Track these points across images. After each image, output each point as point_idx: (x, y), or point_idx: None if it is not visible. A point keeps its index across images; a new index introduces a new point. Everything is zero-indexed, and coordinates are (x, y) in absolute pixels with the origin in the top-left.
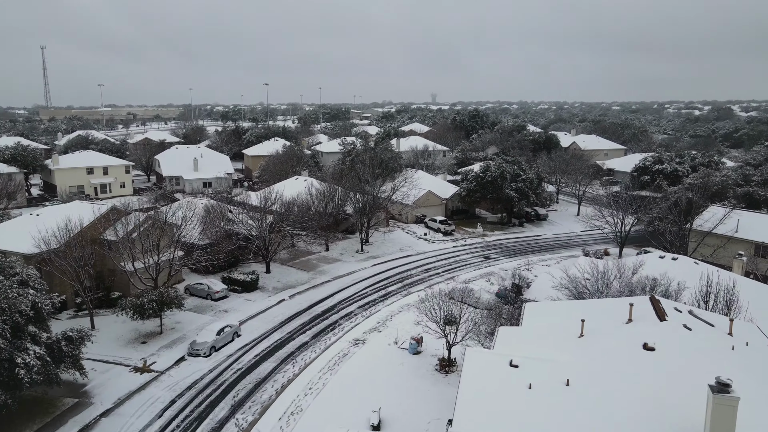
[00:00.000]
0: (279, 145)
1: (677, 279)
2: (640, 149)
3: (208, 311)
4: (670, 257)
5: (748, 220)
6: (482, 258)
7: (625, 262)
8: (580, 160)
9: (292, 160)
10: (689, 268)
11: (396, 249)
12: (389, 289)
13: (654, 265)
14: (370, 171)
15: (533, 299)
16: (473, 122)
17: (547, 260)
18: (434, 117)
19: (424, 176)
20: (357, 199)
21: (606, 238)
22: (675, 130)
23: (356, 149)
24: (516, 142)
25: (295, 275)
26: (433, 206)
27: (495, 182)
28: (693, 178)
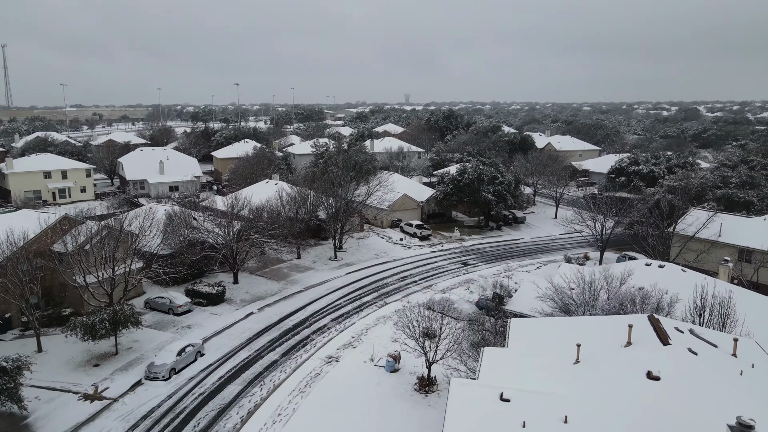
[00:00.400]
0: (249, 146)
1: (666, 288)
2: (614, 150)
3: (169, 327)
4: (656, 264)
5: (731, 224)
6: (460, 264)
7: (612, 272)
8: (556, 161)
9: (262, 163)
10: (677, 276)
11: (371, 255)
12: (364, 300)
13: (641, 274)
14: (344, 174)
15: (516, 311)
16: (448, 123)
17: (527, 266)
18: (408, 117)
19: (399, 179)
20: (330, 204)
21: (585, 242)
22: (645, 130)
23: (329, 151)
24: (492, 143)
25: (265, 286)
26: (408, 210)
27: (472, 185)
28: (672, 180)
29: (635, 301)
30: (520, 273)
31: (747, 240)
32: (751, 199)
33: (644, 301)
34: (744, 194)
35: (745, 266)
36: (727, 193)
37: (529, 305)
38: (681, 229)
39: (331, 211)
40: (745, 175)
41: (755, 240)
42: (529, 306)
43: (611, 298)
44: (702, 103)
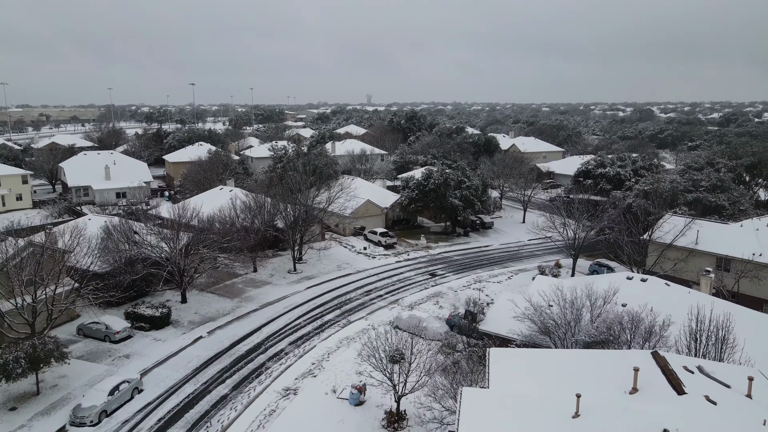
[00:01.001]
0: (204, 150)
1: (651, 304)
2: (577, 151)
3: (104, 358)
4: (638, 278)
5: (707, 230)
6: (428, 275)
7: (594, 288)
8: (521, 163)
9: (217, 167)
10: (662, 290)
11: (333, 267)
12: (326, 319)
13: (624, 289)
14: (303, 179)
15: (492, 332)
16: (410, 124)
17: (498, 276)
18: (370, 118)
19: (362, 184)
20: (288, 212)
21: (555, 248)
22: (603, 131)
23: (287, 155)
24: (456, 145)
25: (217, 304)
26: (372, 216)
27: (438, 190)
28: (643, 184)
29: (623, 324)
30: (491, 284)
31: (725, 248)
32: (723, 203)
33: (635, 325)
34: (715, 198)
35: (724, 275)
36: (698, 198)
37: (505, 325)
38: (658, 236)
39: (289, 220)
40: (715, 178)
41: (733, 247)
42: (506, 326)
43: (596, 320)
44: (654, 104)
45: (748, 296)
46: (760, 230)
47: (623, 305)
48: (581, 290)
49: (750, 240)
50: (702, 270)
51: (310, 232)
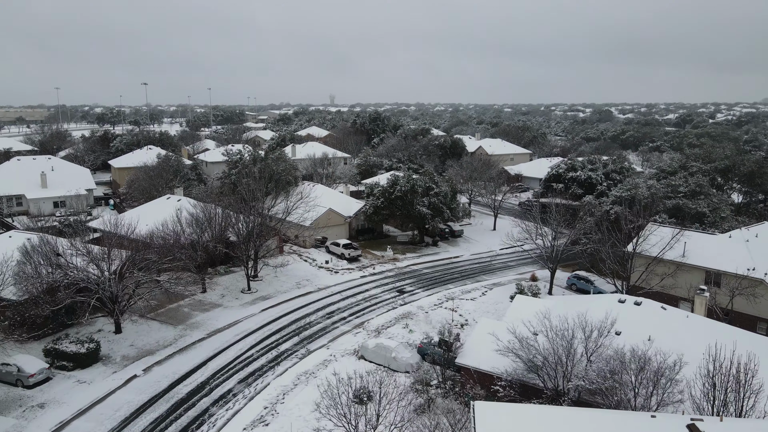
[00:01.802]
0: (153, 154)
1: (648, 331)
2: (543, 153)
3: (13, 409)
4: (632, 301)
5: (695, 242)
6: (396, 292)
7: (583, 312)
8: (490, 166)
9: (167, 173)
10: (658, 315)
11: (292, 284)
12: (282, 348)
13: (618, 315)
14: (259, 187)
15: (471, 366)
16: (374, 125)
17: (471, 292)
18: (333, 119)
19: (323, 191)
20: (240, 226)
21: (529, 258)
22: (566, 131)
23: (243, 160)
24: (422, 148)
25: (158, 333)
26: (335, 226)
27: (405, 198)
28: (619, 190)
29: (624, 362)
30: (464, 302)
31: (715, 261)
32: (703, 210)
33: (641, 367)
34: (695, 205)
35: (715, 292)
36: (677, 204)
37: (487, 360)
38: (644, 249)
39: (242, 234)
40: (693, 184)
41: (724, 261)
42: (487, 361)
43: (592, 355)
44: (612, 105)
45: (742, 314)
46: (750, 242)
47: (617, 333)
48: (572, 319)
49: (741, 252)
50: (695, 287)
51: (266, 247)
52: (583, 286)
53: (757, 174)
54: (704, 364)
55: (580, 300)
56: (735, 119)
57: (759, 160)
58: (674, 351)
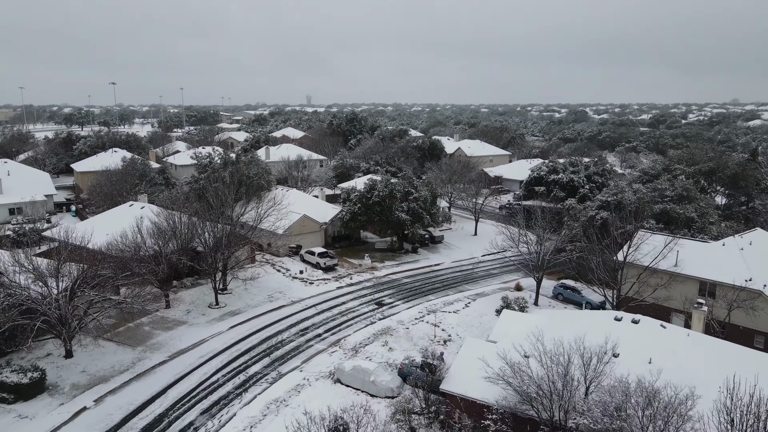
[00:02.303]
0: (118, 157)
1: (648, 352)
2: (522, 155)
3: None
4: (629, 319)
5: (688, 250)
6: (374, 305)
7: (586, 341)
8: (470, 169)
9: (133, 178)
10: (658, 334)
11: (263, 297)
12: (251, 371)
13: (614, 333)
14: (230, 192)
15: (458, 394)
16: (351, 126)
17: (454, 303)
18: (310, 120)
19: (297, 197)
20: (207, 236)
21: (512, 265)
22: (543, 132)
23: (213, 164)
24: (399, 150)
25: (114, 356)
26: (310, 233)
27: (383, 203)
28: (605, 194)
29: (629, 395)
30: (447, 315)
31: (710, 271)
32: (692, 215)
33: (648, 402)
34: (683, 210)
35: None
36: (665, 209)
37: (475, 386)
38: (637, 258)
39: (209, 244)
40: (680, 187)
41: (719, 271)
42: (475, 387)
43: (591, 385)
44: (587, 106)
45: (738, 327)
46: (744, 250)
47: (615, 355)
48: (568, 343)
49: (736, 262)
50: (690, 299)
51: (235, 258)
52: (570, 295)
53: (740, 176)
54: (721, 398)
55: (573, 316)
56: (707, 119)
57: (742, 163)
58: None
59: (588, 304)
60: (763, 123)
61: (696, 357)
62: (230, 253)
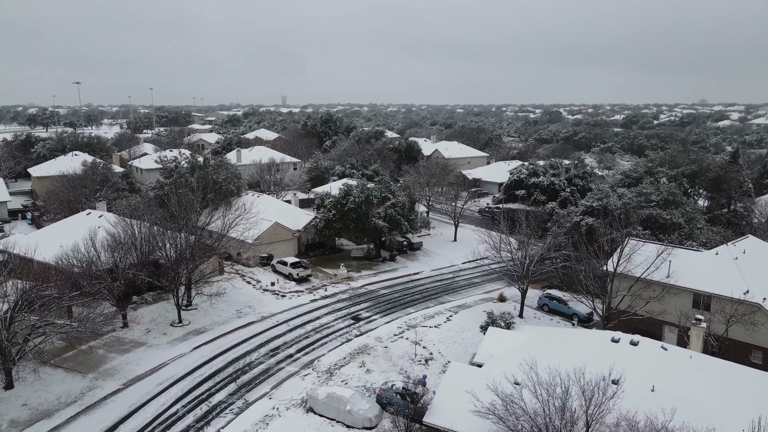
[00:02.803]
0: (79, 161)
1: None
2: (500, 156)
3: None
4: (627, 341)
5: (681, 260)
6: (350, 319)
7: (583, 366)
8: (448, 172)
9: (93, 183)
10: (659, 356)
11: (231, 313)
12: (215, 400)
13: (613, 356)
14: (197, 198)
15: (443, 428)
16: (326, 127)
17: (435, 317)
18: (284, 121)
19: (269, 203)
20: (168, 247)
21: (494, 273)
22: (518, 132)
23: (179, 168)
24: (375, 152)
25: (61, 385)
26: (282, 242)
27: (359, 209)
28: (590, 199)
29: None
30: (428, 330)
31: (704, 282)
32: (678, 220)
33: None
34: (670, 215)
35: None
36: (651, 215)
37: (462, 421)
38: (628, 269)
39: (171, 256)
40: (666, 192)
41: (713, 282)
42: (463, 421)
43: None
44: (561, 106)
45: (735, 341)
46: (739, 259)
47: (614, 382)
48: (565, 372)
49: (731, 272)
50: (687, 314)
51: (199, 271)
52: (556, 306)
53: (723, 179)
54: None
55: (565, 336)
56: (678, 120)
57: (724, 165)
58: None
59: (575, 315)
60: (731, 123)
61: (704, 384)
62: (195, 266)
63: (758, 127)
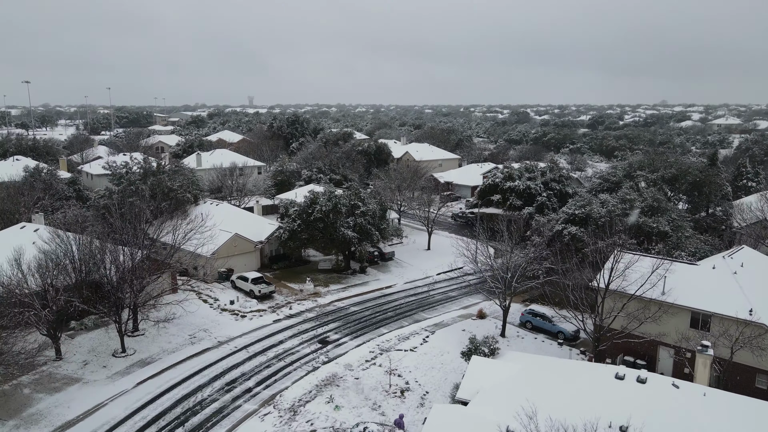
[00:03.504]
0: (20, 166)
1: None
2: (472, 158)
3: None
4: (633, 377)
5: (676, 275)
6: (317, 343)
7: (588, 412)
8: (420, 176)
9: (35, 191)
10: (670, 396)
11: (184, 339)
12: None
13: (617, 396)
14: (148, 207)
15: None
16: (293, 129)
17: (410, 337)
18: (250, 122)
19: (229, 212)
20: (108, 266)
21: (470, 285)
22: (487, 133)
23: (130, 174)
24: (344, 155)
25: None
26: (243, 254)
27: (326, 219)
28: (572, 206)
29: None
30: (403, 355)
31: (704, 300)
32: (665, 229)
33: None
34: (656, 223)
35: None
36: (636, 223)
37: None
38: (623, 286)
39: (112, 277)
40: (651, 198)
41: (713, 300)
42: None
43: None
44: (528, 107)
45: (738, 364)
46: (738, 274)
47: (622, 430)
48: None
49: (731, 287)
50: (688, 338)
51: (146, 293)
52: (540, 324)
53: (703, 183)
54: None
55: (560, 369)
56: (642, 120)
57: (704, 169)
58: None
59: (561, 333)
60: (694, 124)
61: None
62: (141, 287)
63: (719, 128)
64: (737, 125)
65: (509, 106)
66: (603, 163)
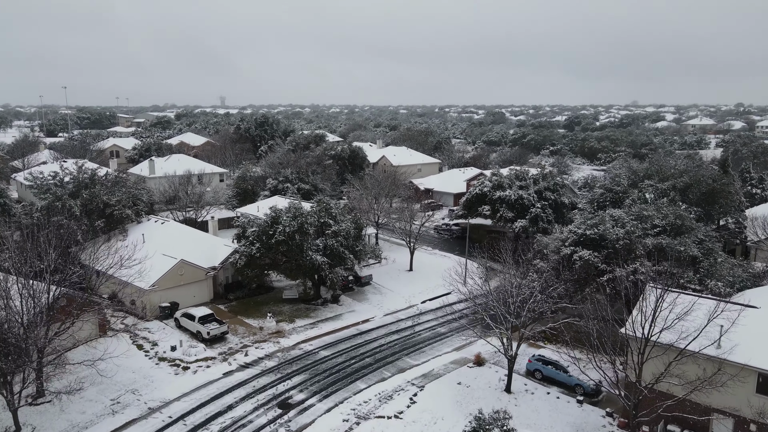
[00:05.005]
0: None
1: None
2: (452, 162)
3: None
4: None
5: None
6: (277, 408)
7: None
8: (398, 184)
9: None
10: None
11: (103, 406)
12: None
13: None
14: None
15: None
16: (261, 131)
17: (393, 396)
18: (218, 123)
19: (177, 231)
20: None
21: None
22: (464, 134)
23: (58, 188)
24: (315, 160)
25: None
26: (192, 284)
27: (290, 241)
28: (581, 225)
29: None
30: (387, 425)
31: None
32: (694, 252)
33: None
34: (684, 246)
35: None
36: (659, 245)
37: None
38: (670, 340)
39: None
40: (673, 215)
41: None
42: None
43: None
44: (502, 107)
45: None
46: None
47: None
48: None
49: None
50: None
51: (53, 348)
52: (553, 374)
53: (718, 193)
54: None
55: None
56: (617, 121)
57: (717, 177)
58: None
59: (579, 386)
60: (668, 124)
61: None
62: (48, 340)
63: (694, 128)
64: (711, 126)
65: (484, 107)
66: (586, 165)
